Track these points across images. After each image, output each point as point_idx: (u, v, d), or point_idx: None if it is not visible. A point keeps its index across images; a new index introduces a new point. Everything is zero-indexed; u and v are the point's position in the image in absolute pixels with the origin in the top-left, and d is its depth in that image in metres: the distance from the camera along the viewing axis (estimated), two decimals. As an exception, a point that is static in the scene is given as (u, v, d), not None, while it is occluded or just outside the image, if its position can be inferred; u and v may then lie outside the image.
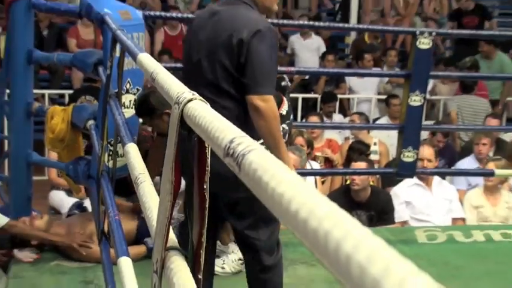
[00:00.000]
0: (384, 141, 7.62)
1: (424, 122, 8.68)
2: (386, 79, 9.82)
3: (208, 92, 3.21)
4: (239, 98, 3.20)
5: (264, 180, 0.98)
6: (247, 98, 3.15)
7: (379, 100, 9.70)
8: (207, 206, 1.57)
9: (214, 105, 3.19)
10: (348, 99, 9.92)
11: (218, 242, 4.60)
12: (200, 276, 1.57)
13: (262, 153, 1.07)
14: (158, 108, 4.29)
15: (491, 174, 5.92)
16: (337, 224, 0.80)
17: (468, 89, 8.95)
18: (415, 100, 5.12)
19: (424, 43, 5.03)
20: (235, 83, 3.19)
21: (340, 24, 11.16)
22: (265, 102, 3.13)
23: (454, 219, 6.16)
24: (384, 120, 8.64)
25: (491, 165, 6.20)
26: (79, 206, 5.61)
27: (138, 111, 4.39)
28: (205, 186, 1.55)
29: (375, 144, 7.57)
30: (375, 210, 5.95)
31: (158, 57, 8.57)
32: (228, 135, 1.19)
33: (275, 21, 9.91)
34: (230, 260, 4.52)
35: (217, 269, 4.43)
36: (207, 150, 1.51)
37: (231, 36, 3.17)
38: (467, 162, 7.04)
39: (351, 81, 9.92)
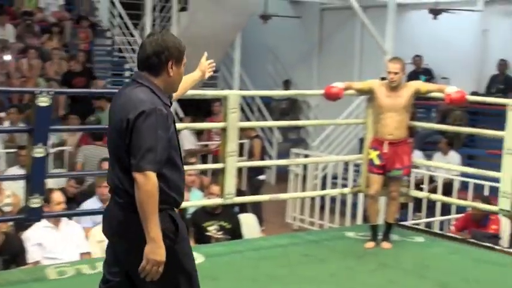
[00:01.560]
0: (16, 193, 7.31)
1: (55, 170, 8.59)
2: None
3: (118, 170, 3.13)
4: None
5: None
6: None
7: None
8: None
9: (117, 182, 3.12)
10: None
11: None
12: None
13: None
14: None
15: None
16: None
17: (97, 138, 9.14)
18: (39, 152, 4.99)
19: (43, 101, 4.94)
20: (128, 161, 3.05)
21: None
22: (143, 178, 2.97)
23: (82, 254, 6.10)
24: (14, 169, 8.29)
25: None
26: None
27: None
28: None
29: (8, 196, 7.29)
30: (8, 255, 5.70)
31: None
32: None
33: None
34: None
35: None
36: None
37: (121, 118, 3.05)
38: (91, 203, 7.02)
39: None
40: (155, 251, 3.01)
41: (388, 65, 6.10)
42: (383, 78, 6.61)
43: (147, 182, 2.98)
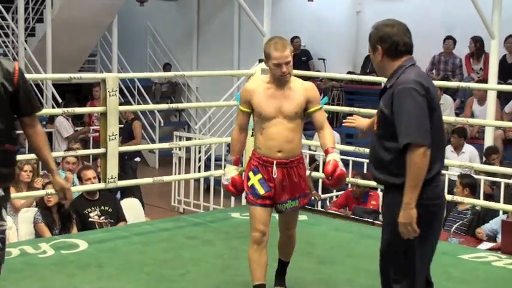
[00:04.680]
0: None
1: None
2: None
3: None
4: None
5: None
6: None
7: None
8: None
9: None
10: None
11: None
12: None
13: None
14: None
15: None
16: None
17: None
18: None
19: None
20: None
21: None
22: None
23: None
24: None
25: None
26: None
27: None
28: None
29: None
30: None
31: None
32: None
33: None
34: None
35: None
36: None
37: None
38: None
39: None
40: None
41: (273, 55, 4.04)
42: (261, 61, 6.49)
43: None
